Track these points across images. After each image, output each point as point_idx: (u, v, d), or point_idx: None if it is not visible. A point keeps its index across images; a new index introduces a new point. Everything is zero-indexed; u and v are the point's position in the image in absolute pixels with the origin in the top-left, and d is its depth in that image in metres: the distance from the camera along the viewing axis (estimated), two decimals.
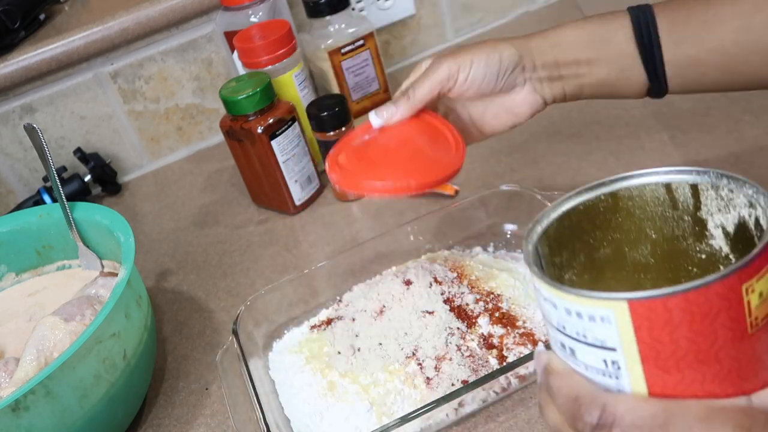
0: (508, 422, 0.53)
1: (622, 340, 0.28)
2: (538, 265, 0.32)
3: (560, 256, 0.35)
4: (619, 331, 0.28)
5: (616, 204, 0.34)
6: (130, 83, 0.96)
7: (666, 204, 0.34)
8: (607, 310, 0.28)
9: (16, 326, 0.66)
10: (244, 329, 0.61)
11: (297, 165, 0.80)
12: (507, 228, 0.69)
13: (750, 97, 0.78)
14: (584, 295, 0.28)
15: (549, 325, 0.31)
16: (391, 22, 1.05)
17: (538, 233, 0.34)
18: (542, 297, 0.30)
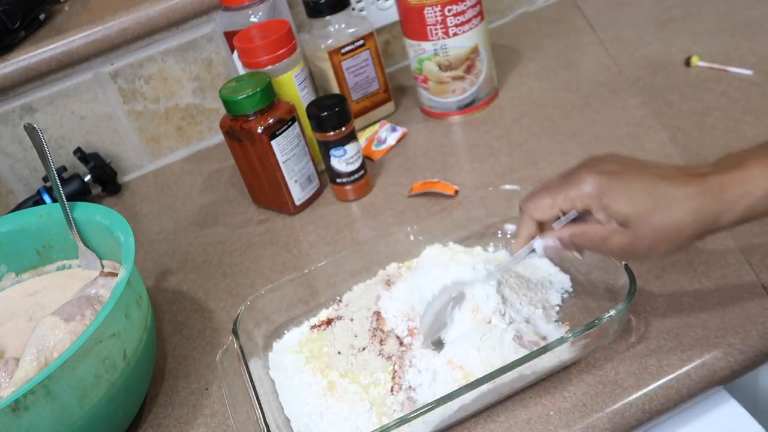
0: (508, 422, 0.53)
1: None
2: None
3: None
4: None
5: None
6: (130, 83, 0.96)
7: None
8: None
9: (16, 326, 0.66)
10: (244, 329, 0.61)
11: (297, 165, 0.80)
12: (507, 228, 0.69)
13: (750, 97, 0.78)
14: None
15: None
16: (391, 22, 1.05)
17: None
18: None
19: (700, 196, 0.45)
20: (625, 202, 0.46)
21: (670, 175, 0.47)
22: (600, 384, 0.53)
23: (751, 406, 0.59)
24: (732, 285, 0.58)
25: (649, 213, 0.46)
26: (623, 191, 0.47)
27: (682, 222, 0.45)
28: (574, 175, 0.49)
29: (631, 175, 0.47)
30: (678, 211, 0.45)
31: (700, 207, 0.45)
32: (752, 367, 0.54)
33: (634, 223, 0.46)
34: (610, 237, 0.48)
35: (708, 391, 0.53)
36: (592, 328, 0.52)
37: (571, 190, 0.49)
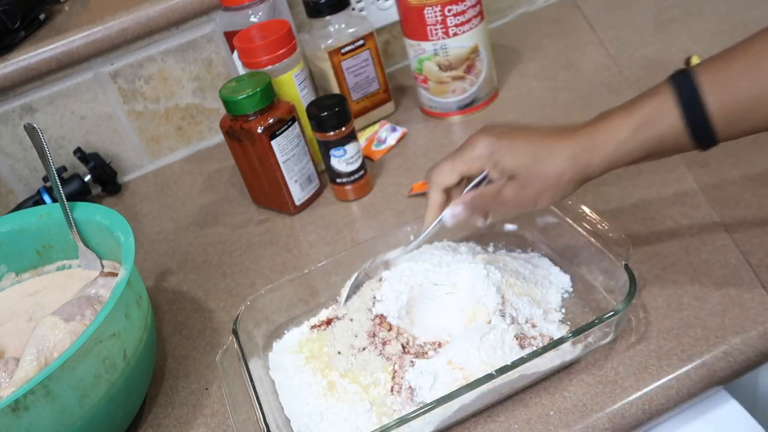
0: (508, 422, 0.53)
1: None
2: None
3: None
4: None
5: None
6: (130, 83, 0.96)
7: None
8: None
9: (16, 326, 0.66)
10: (244, 329, 0.61)
11: (297, 165, 0.80)
12: (507, 228, 0.69)
13: None
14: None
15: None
16: (391, 22, 1.05)
17: None
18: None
19: (572, 146, 0.52)
20: (511, 157, 0.54)
21: (549, 132, 0.54)
22: (600, 384, 0.53)
23: (751, 406, 0.59)
24: (732, 285, 0.58)
25: (532, 163, 0.53)
26: (509, 148, 0.54)
27: (559, 169, 0.52)
28: (468, 140, 0.56)
29: (515, 134, 0.55)
30: (555, 160, 0.52)
31: (573, 155, 0.52)
32: (752, 367, 0.54)
33: (520, 174, 0.54)
34: (502, 190, 0.55)
35: (708, 391, 0.53)
36: (592, 328, 0.52)
37: (465, 153, 0.56)
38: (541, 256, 0.65)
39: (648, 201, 0.69)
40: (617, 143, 0.51)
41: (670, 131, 0.50)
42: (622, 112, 0.52)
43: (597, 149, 0.52)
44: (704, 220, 0.65)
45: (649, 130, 0.50)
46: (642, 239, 0.64)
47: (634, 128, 0.51)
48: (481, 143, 0.55)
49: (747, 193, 0.66)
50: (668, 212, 0.67)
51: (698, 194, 0.68)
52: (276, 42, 0.79)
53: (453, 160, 0.57)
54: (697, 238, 0.63)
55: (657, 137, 0.51)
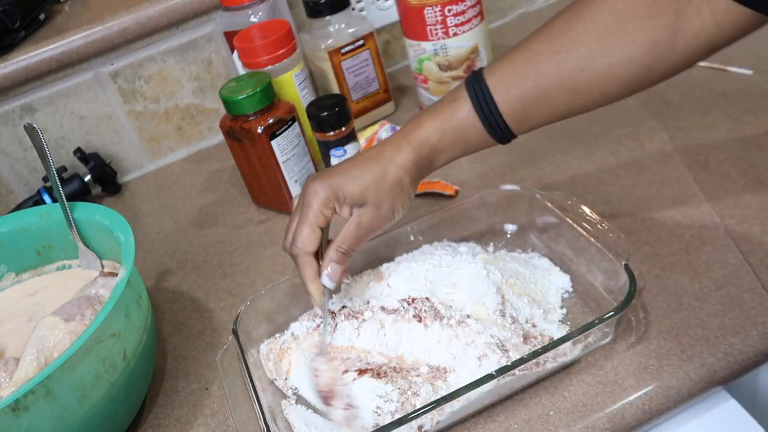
0: (508, 422, 0.53)
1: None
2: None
3: None
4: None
5: None
6: (130, 83, 0.96)
7: None
8: None
9: (16, 326, 0.66)
10: (244, 329, 0.61)
11: (297, 165, 0.80)
12: (507, 228, 0.69)
13: (750, 97, 0.78)
14: None
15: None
16: (391, 22, 1.05)
17: None
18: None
19: (398, 153, 0.56)
20: (355, 186, 0.55)
21: (371, 154, 0.57)
22: (600, 384, 0.53)
23: (751, 406, 0.59)
24: (732, 285, 0.58)
25: (375, 182, 0.56)
26: (349, 180, 0.56)
27: (398, 176, 0.56)
28: (305, 196, 0.56)
29: (347, 167, 0.57)
30: (392, 170, 0.56)
31: (402, 159, 0.56)
32: (752, 367, 0.54)
33: (369, 197, 0.56)
34: (360, 219, 0.56)
35: (708, 391, 0.53)
36: (592, 328, 0.52)
37: (313, 206, 0.56)
38: (541, 256, 0.65)
39: (648, 201, 0.69)
40: (432, 146, 0.57)
41: (473, 133, 0.56)
42: (431, 119, 0.57)
43: (420, 152, 0.57)
44: (704, 220, 0.65)
45: (455, 132, 0.56)
46: (642, 239, 0.64)
47: (445, 133, 0.56)
48: (320, 189, 0.55)
49: (747, 193, 0.66)
50: (668, 212, 0.67)
51: (698, 194, 0.68)
52: (276, 42, 0.79)
53: (306, 221, 0.56)
54: (697, 238, 0.63)
55: (462, 138, 0.57)
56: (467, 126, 0.56)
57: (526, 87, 0.54)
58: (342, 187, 0.55)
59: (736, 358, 0.53)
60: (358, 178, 0.56)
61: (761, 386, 0.61)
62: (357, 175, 0.56)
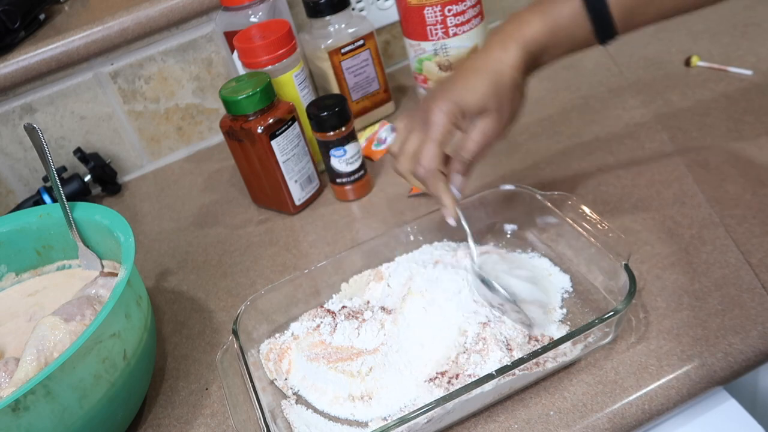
0: (508, 422, 0.53)
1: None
2: None
3: None
4: None
5: None
6: (130, 83, 0.96)
7: None
8: None
9: (16, 326, 0.66)
10: (244, 329, 0.61)
11: (297, 165, 0.80)
12: (507, 228, 0.69)
13: (750, 97, 0.78)
14: None
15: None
16: (391, 22, 1.05)
17: None
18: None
19: (508, 54, 0.56)
20: (475, 97, 0.55)
21: (479, 58, 0.57)
22: (600, 384, 0.53)
23: (751, 406, 0.59)
24: (732, 285, 0.58)
25: (492, 88, 0.55)
26: (467, 92, 0.56)
27: (511, 79, 0.56)
28: (427, 116, 0.56)
29: (461, 79, 0.56)
30: (505, 75, 0.56)
31: (514, 61, 0.56)
32: (752, 367, 0.54)
33: (491, 104, 0.56)
34: (484, 127, 0.57)
35: (708, 391, 0.53)
36: (592, 328, 0.52)
37: (438, 124, 0.56)
38: (541, 256, 0.65)
39: (648, 201, 0.69)
40: (539, 44, 0.56)
41: (579, 31, 0.55)
42: (536, 16, 0.56)
43: (527, 51, 0.56)
44: (704, 220, 0.65)
45: (563, 31, 0.56)
46: (642, 239, 0.64)
47: (551, 30, 0.55)
48: (442, 107, 0.56)
49: (747, 193, 0.66)
50: (668, 212, 0.67)
51: (698, 194, 0.68)
52: (276, 42, 0.79)
53: (432, 140, 0.56)
54: (697, 238, 0.63)
55: (569, 36, 0.56)
56: (574, 23, 0.55)
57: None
58: (464, 101, 0.55)
59: (736, 358, 0.53)
60: (476, 87, 0.55)
61: (761, 386, 0.61)
62: (474, 85, 0.55)
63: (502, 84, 0.56)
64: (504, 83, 0.56)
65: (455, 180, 0.59)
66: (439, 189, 0.58)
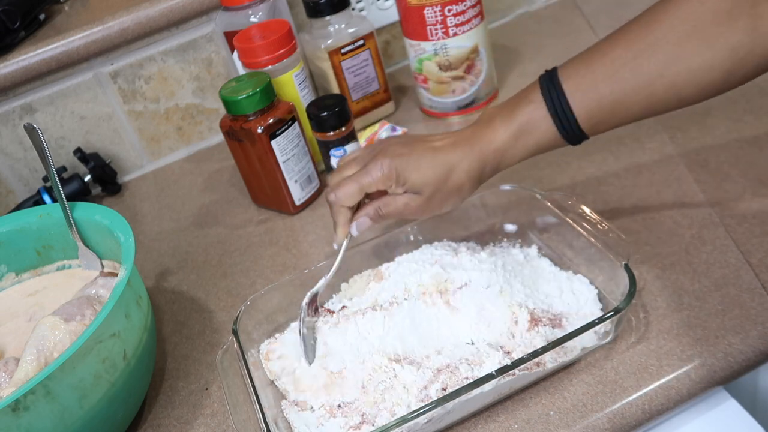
0: (508, 422, 0.53)
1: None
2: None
3: None
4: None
5: None
6: (130, 83, 0.96)
7: None
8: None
9: (16, 326, 0.66)
10: (244, 329, 0.61)
11: (297, 165, 0.80)
12: (507, 228, 0.69)
13: (750, 97, 0.78)
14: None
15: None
16: (391, 22, 1.05)
17: None
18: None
19: (468, 159, 0.58)
20: (418, 176, 0.58)
21: (444, 145, 0.59)
22: (600, 384, 0.53)
23: (751, 406, 0.59)
24: (732, 285, 0.58)
25: (437, 180, 0.58)
26: (414, 169, 0.58)
27: (461, 180, 0.59)
28: (372, 163, 0.59)
29: (417, 153, 0.59)
30: (457, 174, 0.58)
31: (470, 167, 0.58)
32: (752, 367, 0.54)
33: (426, 191, 0.59)
34: (409, 203, 0.60)
35: (708, 391, 0.53)
36: (592, 328, 0.52)
37: (371, 174, 0.59)
38: (541, 256, 0.65)
39: (648, 201, 0.69)
40: (503, 152, 0.58)
41: (545, 136, 0.58)
42: (503, 122, 0.58)
43: (488, 159, 0.59)
44: (704, 220, 0.65)
45: (528, 136, 0.58)
46: (642, 239, 0.64)
47: (516, 137, 0.58)
48: (386, 166, 0.58)
49: (747, 193, 0.66)
50: (668, 212, 0.67)
51: (698, 194, 0.68)
52: (276, 42, 0.79)
53: (359, 182, 0.59)
54: (697, 238, 0.63)
55: (535, 142, 0.58)
56: (541, 130, 0.57)
57: (603, 92, 0.54)
58: (406, 173, 0.58)
59: (736, 358, 0.53)
60: (423, 170, 0.58)
61: (761, 386, 0.61)
62: (424, 166, 0.58)
63: (447, 182, 0.58)
64: (449, 183, 0.58)
65: (362, 221, 0.61)
66: (339, 220, 0.61)
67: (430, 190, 0.59)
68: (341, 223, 0.61)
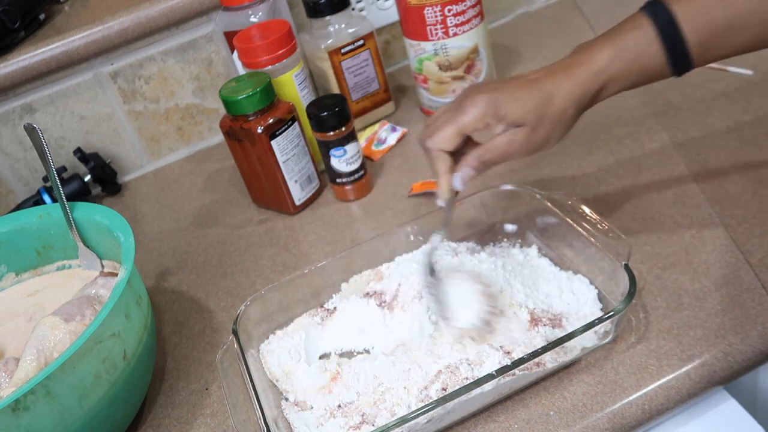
0: (508, 422, 0.53)
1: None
2: None
3: None
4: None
5: None
6: (130, 83, 0.96)
7: None
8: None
9: (16, 326, 0.66)
10: (244, 329, 0.61)
11: (297, 165, 0.80)
12: (507, 228, 0.69)
13: (750, 96, 0.78)
14: None
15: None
16: (391, 22, 1.05)
17: None
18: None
19: (569, 83, 0.54)
20: (517, 108, 0.54)
21: (540, 76, 0.56)
22: (600, 384, 0.53)
23: (751, 406, 0.59)
24: (732, 285, 0.58)
25: (538, 108, 0.54)
26: (512, 100, 0.54)
27: (563, 106, 0.55)
28: (466, 102, 0.55)
29: (510, 86, 0.55)
30: (557, 100, 0.54)
31: (571, 90, 0.54)
32: (752, 367, 0.54)
33: (528, 121, 0.54)
34: (513, 138, 0.55)
35: (708, 391, 0.53)
36: (592, 328, 0.52)
37: (467, 114, 0.55)
38: (541, 256, 0.65)
39: (648, 201, 0.69)
40: (606, 75, 0.54)
41: (652, 62, 0.54)
42: (607, 45, 0.54)
43: (590, 83, 0.54)
44: (704, 220, 0.65)
45: (633, 61, 0.54)
46: (642, 239, 0.64)
47: (621, 59, 0.53)
48: (481, 101, 0.54)
49: (747, 193, 0.66)
50: (668, 212, 0.67)
51: (698, 194, 0.68)
52: (276, 42, 0.79)
53: (455, 124, 0.55)
54: (697, 238, 0.63)
55: (640, 68, 0.54)
56: (648, 54, 0.53)
57: (715, 16, 0.51)
58: (504, 106, 0.54)
59: (736, 358, 0.53)
60: (521, 99, 0.54)
61: (761, 386, 0.61)
62: (521, 96, 0.54)
63: (549, 108, 0.54)
64: (551, 109, 0.54)
65: (464, 171, 0.57)
66: (439, 168, 0.57)
67: (533, 119, 0.54)
68: (443, 172, 0.57)
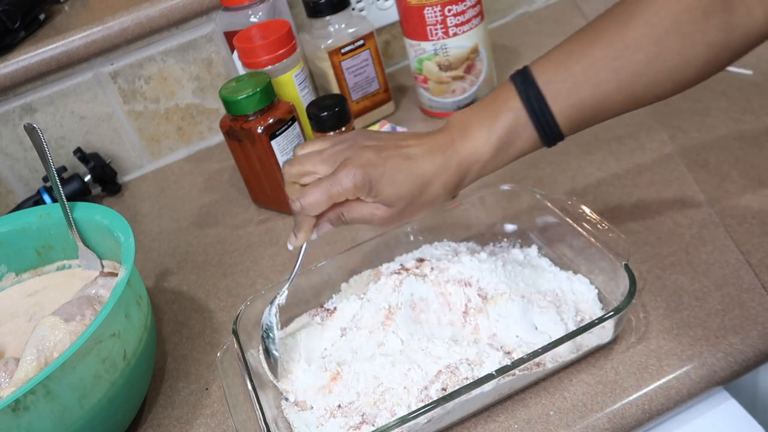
0: (508, 422, 0.53)
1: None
2: None
3: None
4: None
5: None
6: (130, 83, 0.96)
7: None
8: None
9: (16, 326, 0.66)
10: (244, 329, 0.61)
11: None
12: (507, 228, 0.69)
13: (750, 96, 0.78)
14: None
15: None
16: (391, 22, 1.05)
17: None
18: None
19: (445, 172, 0.55)
20: (392, 192, 0.55)
21: (420, 154, 0.55)
22: (600, 384, 0.53)
23: (751, 406, 0.59)
24: (732, 285, 0.58)
25: (412, 195, 0.55)
26: (388, 183, 0.54)
27: (436, 195, 0.56)
28: (343, 171, 0.54)
29: (391, 163, 0.55)
30: (432, 189, 0.55)
31: (448, 179, 0.55)
32: (752, 367, 0.54)
33: (398, 205, 0.55)
34: (375, 212, 0.56)
35: (708, 391, 0.53)
36: (592, 328, 0.52)
37: (341, 187, 0.54)
38: (541, 256, 0.65)
39: (648, 201, 0.69)
40: (484, 164, 0.55)
41: (526, 144, 0.55)
42: (483, 131, 0.55)
43: (467, 172, 0.56)
44: (704, 220, 0.65)
45: (510, 146, 0.55)
46: (642, 239, 0.64)
47: (498, 148, 0.55)
48: (359, 176, 0.54)
49: (747, 193, 0.66)
50: (668, 212, 0.67)
51: (698, 194, 0.68)
52: (276, 42, 0.79)
53: (328, 193, 0.55)
54: (697, 238, 0.63)
55: (516, 151, 0.55)
56: (523, 138, 0.55)
57: (584, 95, 0.53)
58: (379, 185, 0.54)
59: (736, 358, 0.53)
60: (397, 184, 0.54)
61: (761, 386, 0.61)
62: (398, 180, 0.54)
63: (422, 196, 0.55)
64: (424, 197, 0.55)
65: (323, 226, 0.58)
66: (302, 228, 0.57)
67: (402, 204, 0.55)
68: (304, 230, 0.58)
